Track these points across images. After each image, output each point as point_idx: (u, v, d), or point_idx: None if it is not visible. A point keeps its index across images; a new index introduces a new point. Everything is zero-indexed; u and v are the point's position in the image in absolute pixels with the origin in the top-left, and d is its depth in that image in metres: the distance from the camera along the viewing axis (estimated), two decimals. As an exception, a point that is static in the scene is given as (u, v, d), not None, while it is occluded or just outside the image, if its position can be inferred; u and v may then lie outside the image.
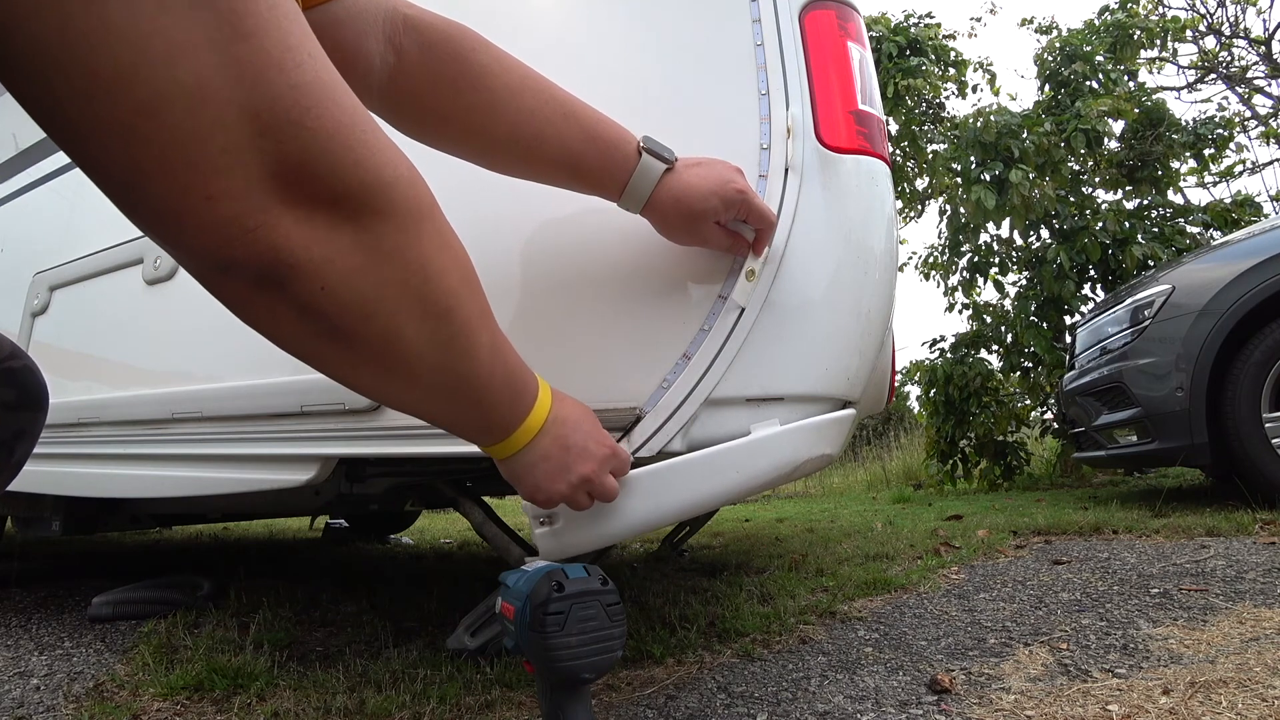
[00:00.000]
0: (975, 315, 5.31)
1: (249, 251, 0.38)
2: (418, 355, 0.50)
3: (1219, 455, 2.45)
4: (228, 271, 0.40)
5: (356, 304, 0.44)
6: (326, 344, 0.46)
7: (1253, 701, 0.83)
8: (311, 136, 0.38)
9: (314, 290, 0.42)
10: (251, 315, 0.44)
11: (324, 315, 0.44)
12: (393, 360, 0.49)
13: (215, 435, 1.20)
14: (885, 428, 8.69)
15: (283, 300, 0.42)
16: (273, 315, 0.43)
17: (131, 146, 0.34)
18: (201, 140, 0.35)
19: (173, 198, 0.36)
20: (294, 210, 0.39)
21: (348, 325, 0.45)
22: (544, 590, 0.65)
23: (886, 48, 5.51)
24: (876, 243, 0.91)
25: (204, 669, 1.15)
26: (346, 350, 0.47)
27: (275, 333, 0.45)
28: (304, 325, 0.44)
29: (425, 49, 0.66)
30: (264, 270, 0.40)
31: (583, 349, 0.91)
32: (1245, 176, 7.26)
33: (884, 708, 0.93)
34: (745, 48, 0.92)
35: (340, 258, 0.42)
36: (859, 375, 0.88)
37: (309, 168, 0.39)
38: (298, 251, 0.40)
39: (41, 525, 1.86)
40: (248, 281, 0.40)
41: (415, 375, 0.52)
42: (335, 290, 0.43)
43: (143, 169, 0.35)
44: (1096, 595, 1.44)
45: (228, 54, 0.34)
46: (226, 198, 0.36)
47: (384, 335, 0.47)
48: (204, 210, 0.36)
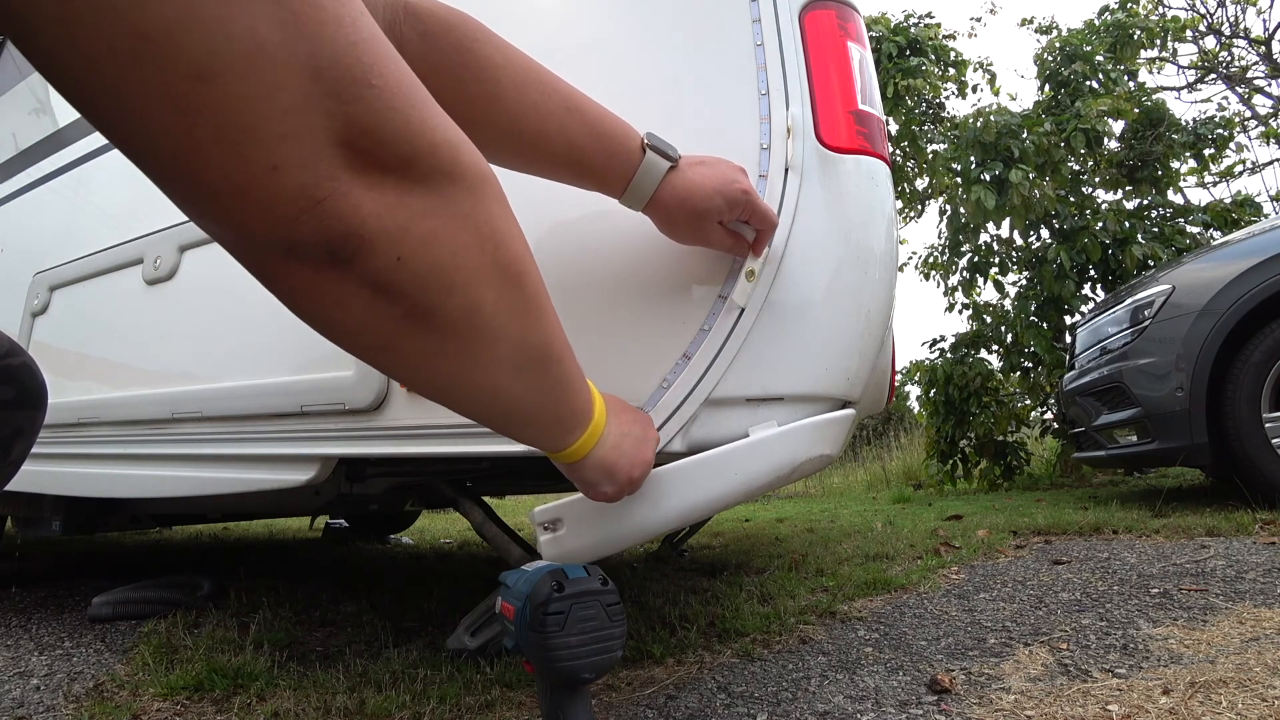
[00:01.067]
0: (975, 315, 5.31)
1: (318, 225, 0.35)
2: (499, 329, 0.47)
3: (1219, 455, 2.44)
4: (292, 253, 0.36)
5: (434, 274, 0.41)
6: (404, 327, 0.42)
7: (1253, 701, 0.83)
8: (377, 96, 0.35)
9: (390, 263, 0.38)
10: (318, 303, 0.40)
11: (401, 291, 0.40)
12: (476, 337, 0.46)
13: (215, 435, 1.20)
14: (885, 428, 8.69)
15: (353, 278, 0.38)
16: (342, 299, 0.39)
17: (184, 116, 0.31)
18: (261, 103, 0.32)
19: (233, 172, 0.33)
20: (365, 176, 0.36)
21: (427, 301, 0.42)
22: (544, 590, 0.65)
23: (886, 48, 5.51)
24: (876, 243, 0.91)
25: (204, 669, 1.15)
26: (425, 332, 0.43)
27: (345, 320, 0.41)
28: (378, 307, 0.40)
29: (426, 38, 0.64)
30: (333, 245, 0.36)
31: (583, 349, 0.91)
32: (1245, 176, 7.27)
33: (884, 708, 0.93)
34: (745, 48, 0.92)
35: (415, 224, 0.39)
36: (859, 375, 0.88)
37: (378, 129, 0.36)
38: (370, 221, 0.37)
39: (41, 525, 1.86)
40: (315, 262, 0.37)
41: (499, 353, 0.48)
42: (412, 261, 0.39)
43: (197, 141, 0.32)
44: (1096, 595, 1.44)
45: (284, 7, 0.32)
46: (294, 166, 0.33)
47: (465, 308, 0.44)
48: (269, 183, 0.33)
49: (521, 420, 0.59)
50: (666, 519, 0.82)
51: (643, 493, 0.80)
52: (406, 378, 0.48)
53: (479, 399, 0.53)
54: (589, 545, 0.82)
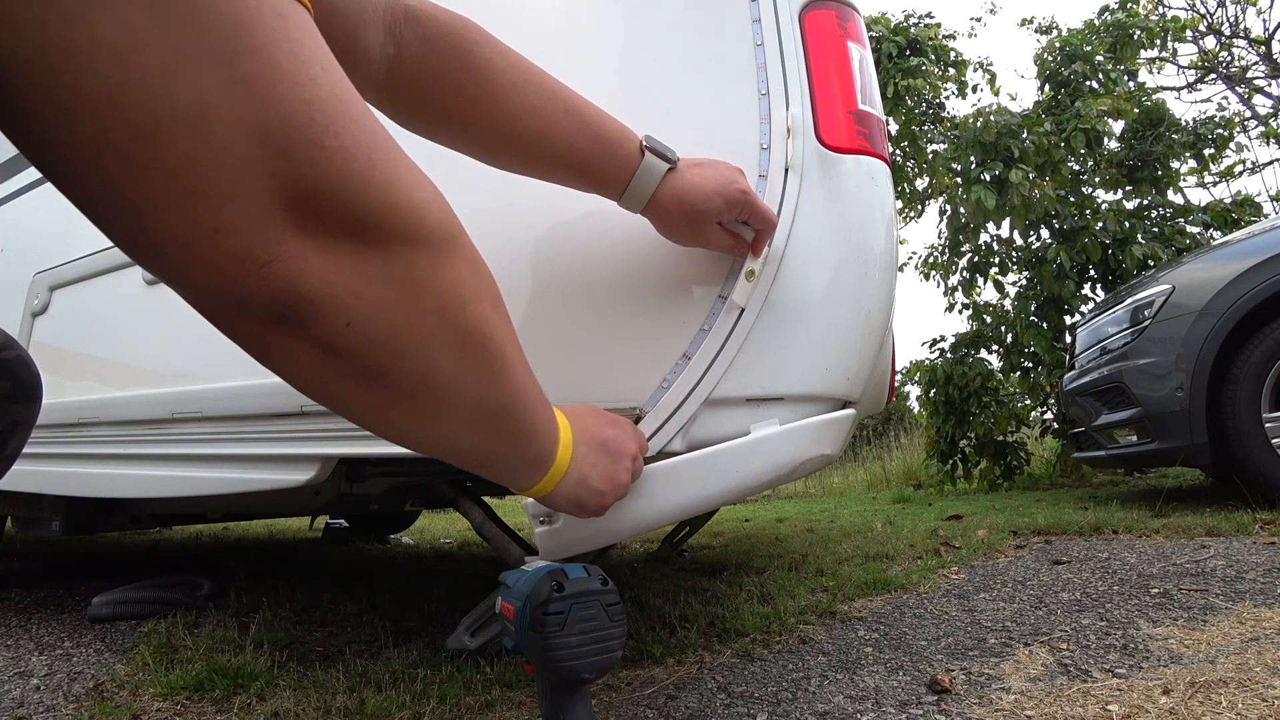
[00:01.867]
0: (975, 315, 5.31)
1: (263, 287, 0.35)
2: (456, 389, 0.46)
3: (1219, 455, 2.44)
4: (240, 309, 0.36)
5: (387, 340, 0.40)
6: (354, 386, 0.42)
7: (1253, 701, 0.83)
8: (330, 156, 0.34)
9: (338, 328, 0.38)
10: (267, 355, 0.39)
11: (351, 354, 0.39)
12: (429, 398, 0.45)
13: (215, 435, 1.20)
14: (885, 428, 8.69)
15: (303, 339, 0.38)
16: (292, 355, 0.39)
17: (126, 175, 0.30)
18: (206, 165, 0.31)
19: (175, 232, 0.32)
20: (314, 239, 0.35)
21: (378, 364, 0.41)
22: (544, 590, 0.65)
23: (886, 48, 5.51)
24: (876, 243, 0.91)
25: (204, 669, 1.15)
26: (377, 391, 0.43)
27: (294, 374, 0.41)
28: (327, 366, 0.40)
29: (426, 41, 0.64)
30: (281, 308, 0.36)
31: (582, 349, 0.91)
32: (1245, 176, 7.27)
33: (884, 708, 0.93)
34: (745, 48, 0.92)
35: (368, 291, 0.38)
36: (859, 375, 0.88)
37: (330, 191, 0.35)
38: (319, 286, 0.36)
39: (41, 525, 1.86)
40: (262, 319, 0.36)
41: (454, 412, 0.48)
42: (363, 327, 0.39)
43: (139, 200, 0.31)
44: (1096, 595, 1.44)
45: (233, 68, 0.31)
46: (237, 229, 0.33)
47: (419, 372, 0.43)
48: (211, 244, 0.33)
49: (479, 465, 0.59)
50: (664, 514, 0.82)
51: (641, 488, 0.80)
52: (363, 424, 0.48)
53: (436, 447, 0.53)
54: (585, 538, 0.82)
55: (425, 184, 0.41)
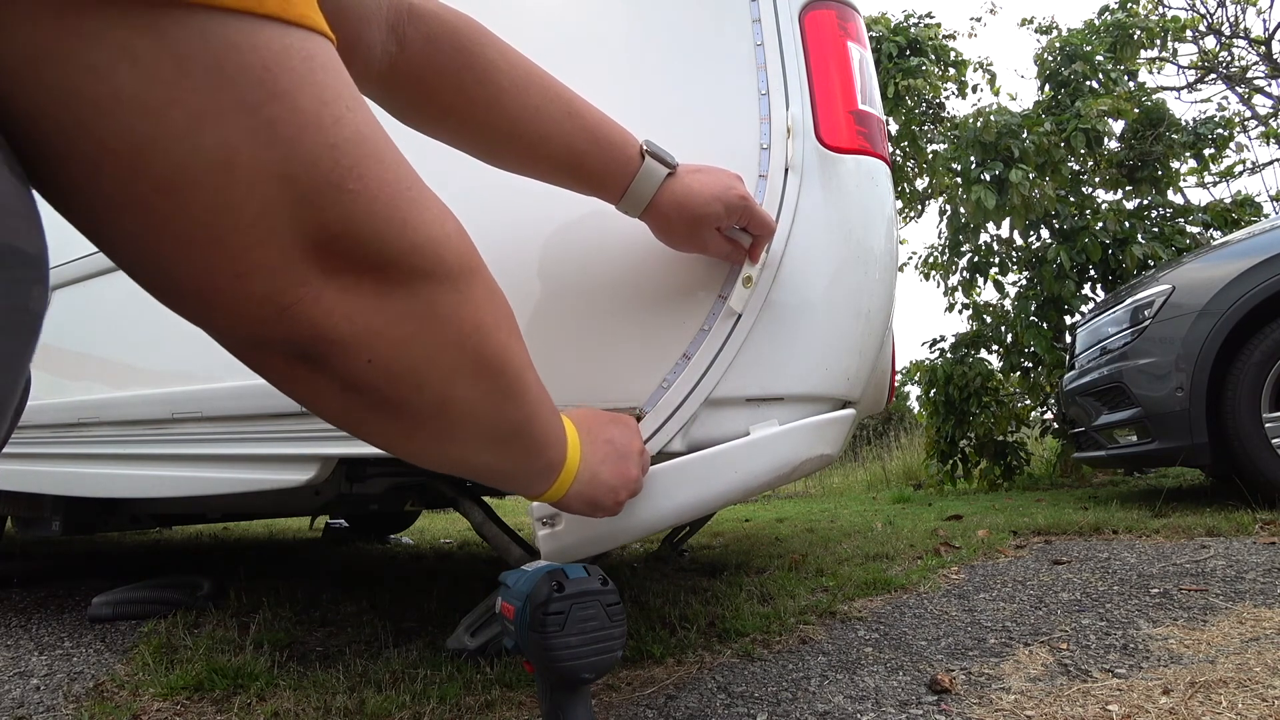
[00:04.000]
0: (975, 315, 5.31)
1: (286, 329, 0.35)
2: (473, 415, 0.47)
3: (1219, 455, 2.44)
4: (261, 347, 0.37)
5: (408, 374, 0.41)
6: (374, 415, 0.43)
7: (1253, 701, 0.83)
8: (353, 200, 0.34)
9: (360, 365, 0.38)
10: (290, 387, 0.40)
11: (371, 388, 0.40)
12: (447, 424, 0.46)
13: (215, 435, 1.20)
14: (885, 428, 8.69)
15: (324, 375, 0.38)
16: (313, 389, 0.40)
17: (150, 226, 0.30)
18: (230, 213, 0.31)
19: (198, 278, 0.32)
20: (336, 280, 0.35)
21: (398, 396, 0.41)
22: (544, 590, 0.65)
23: (886, 48, 5.51)
24: (876, 243, 0.91)
25: (204, 669, 1.15)
26: (397, 420, 0.44)
27: (317, 406, 0.42)
28: (349, 399, 0.41)
29: (429, 39, 0.63)
30: (303, 347, 0.36)
31: (583, 349, 0.91)
32: (1245, 176, 7.26)
33: (884, 708, 0.93)
34: (745, 48, 0.92)
35: (389, 328, 0.38)
36: (859, 375, 0.88)
37: (352, 234, 0.35)
38: (340, 325, 0.36)
39: (41, 525, 1.86)
40: (285, 356, 0.37)
41: (471, 435, 0.49)
42: (384, 362, 0.39)
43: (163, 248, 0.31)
44: (1096, 595, 1.44)
45: (258, 117, 0.30)
46: (259, 274, 0.33)
47: (438, 402, 0.44)
48: (236, 289, 0.33)
49: (492, 479, 0.60)
50: (666, 516, 0.82)
51: (643, 491, 0.80)
52: (382, 446, 0.49)
53: (452, 466, 0.54)
54: (588, 541, 0.82)
55: (446, 218, 0.41)
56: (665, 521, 0.84)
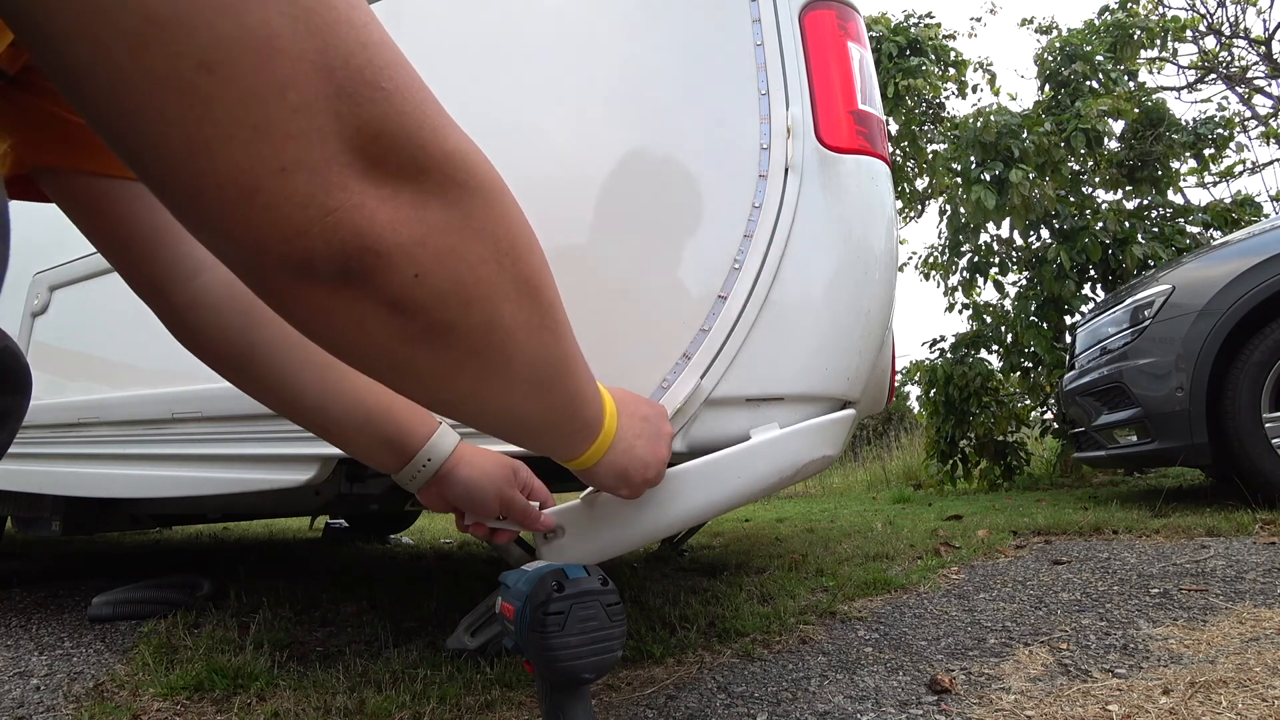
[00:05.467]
0: (975, 315, 5.31)
1: (332, 238, 0.34)
2: (517, 344, 0.46)
3: (1219, 455, 2.44)
4: (305, 271, 0.35)
5: (453, 290, 0.39)
6: (421, 346, 0.41)
7: (1253, 701, 0.83)
8: (388, 99, 0.34)
9: (407, 279, 0.37)
10: (334, 325, 0.38)
11: (420, 309, 0.39)
12: (494, 353, 0.45)
13: (215, 435, 1.20)
14: (885, 428, 8.69)
15: (370, 297, 0.37)
16: (359, 320, 0.38)
17: (191, 107, 0.30)
18: (271, 99, 0.30)
19: (241, 172, 0.31)
20: (378, 187, 0.35)
21: (446, 318, 0.40)
22: (544, 590, 0.65)
23: (886, 48, 5.51)
24: (876, 243, 0.91)
25: (204, 669, 1.15)
26: (445, 349, 0.42)
27: (362, 342, 0.40)
28: (396, 326, 0.39)
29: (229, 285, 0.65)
30: (349, 261, 0.35)
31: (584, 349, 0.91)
32: (1245, 176, 7.26)
33: (884, 708, 0.93)
34: (745, 48, 0.92)
35: (432, 238, 0.37)
36: (859, 375, 0.88)
37: (390, 135, 0.34)
38: (385, 235, 0.35)
39: (41, 525, 1.86)
40: (329, 281, 0.35)
41: (516, 369, 0.47)
42: (429, 277, 0.38)
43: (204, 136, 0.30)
44: (1096, 595, 1.43)
45: (296, 4, 0.31)
46: (304, 169, 0.32)
47: (484, 324, 0.43)
48: (278, 186, 0.32)
49: (534, 432, 0.59)
50: (670, 522, 0.82)
51: (647, 498, 0.80)
52: (422, 396, 0.48)
53: (493, 414, 0.52)
54: (592, 552, 0.82)
55: (465, 135, 0.41)
56: (671, 529, 0.84)
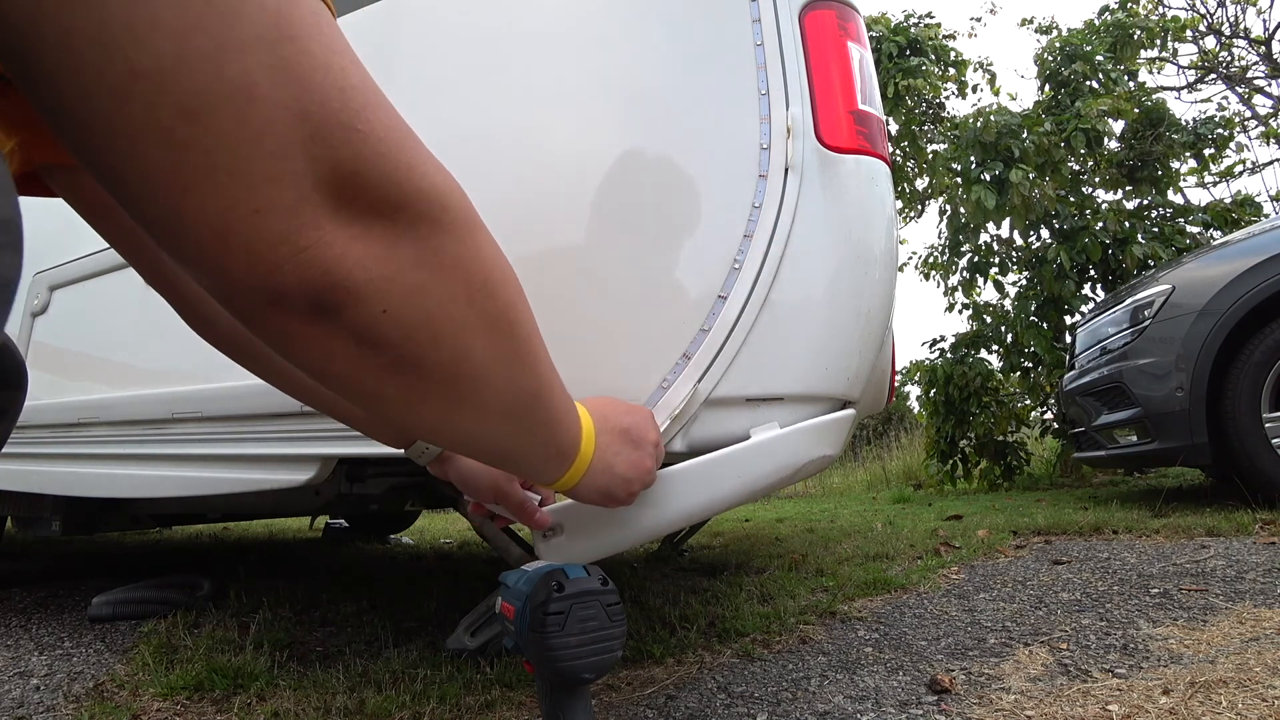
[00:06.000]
0: (975, 315, 5.31)
1: (302, 275, 0.35)
2: (487, 378, 0.46)
3: (1219, 455, 2.44)
4: (277, 303, 0.36)
5: (422, 326, 0.40)
6: (388, 377, 0.42)
7: (1253, 701, 0.83)
8: (363, 140, 0.35)
9: (375, 315, 0.38)
10: (301, 351, 0.39)
11: (387, 343, 0.40)
12: (462, 387, 0.46)
13: (215, 435, 1.20)
14: (885, 428, 8.69)
15: (339, 330, 0.38)
16: (326, 349, 0.39)
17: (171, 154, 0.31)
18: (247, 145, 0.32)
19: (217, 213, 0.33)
20: (349, 225, 0.36)
21: (412, 352, 0.41)
22: (544, 590, 0.65)
23: (886, 48, 5.51)
24: (876, 243, 0.91)
25: (204, 669, 1.15)
26: (411, 382, 0.43)
27: (328, 369, 0.41)
28: (363, 358, 0.40)
29: None
30: (318, 296, 0.36)
31: (582, 349, 0.91)
32: (1245, 176, 7.26)
33: (884, 708, 0.93)
34: (745, 47, 0.92)
35: (401, 275, 0.38)
36: (859, 375, 0.88)
37: (363, 174, 0.36)
38: (355, 272, 0.36)
39: (41, 525, 1.86)
40: (299, 313, 0.36)
41: (485, 401, 0.48)
42: (398, 313, 0.39)
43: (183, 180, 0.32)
44: (1096, 595, 1.43)
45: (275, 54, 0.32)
46: (276, 211, 0.33)
47: (452, 359, 0.43)
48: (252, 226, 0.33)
49: (507, 459, 0.60)
50: (669, 521, 0.82)
51: (647, 496, 0.80)
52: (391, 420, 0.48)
53: (463, 441, 0.53)
54: (591, 550, 0.82)
55: (445, 170, 0.42)
56: (670, 527, 0.84)
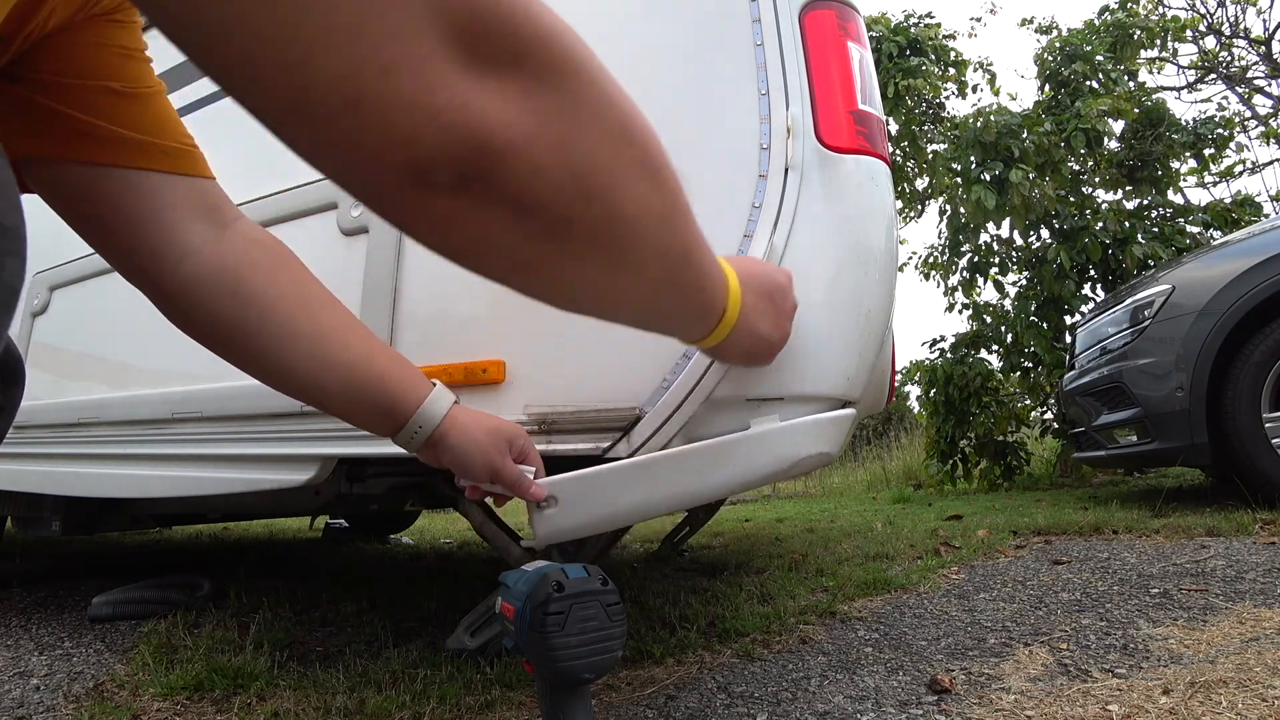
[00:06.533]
0: (975, 315, 5.31)
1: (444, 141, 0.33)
2: (640, 232, 0.44)
3: (1219, 455, 2.44)
4: (423, 180, 0.34)
5: (571, 182, 0.38)
6: (542, 245, 0.40)
7: (1253, 701, 0.83)
8: None
9: (523, 177, 0.36)
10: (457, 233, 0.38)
11: (538, 206, 0.38)
12: (615, 244, 0.43)
13: (215, 435, 1.20)
14: (885, 428, 8.69)
15: (492, 199, 0.36)
16: (479, 224, 0.37)
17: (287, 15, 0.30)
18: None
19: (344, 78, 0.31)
20: (481, 80, 0.34)
21: (564, 212, 0.39)
22: (544, 590, 0.65)
23: (886, 48, 5.51)
24: (877, 243, 0.91)
25: (204, 669, 1.15)
26: (565, 246, 0.41)
27: (487, 246, 0.40)
28: (515, 227, 0.38)
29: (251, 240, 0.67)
30: (464, 164, 0.34)
31: (583, 349, 0.91)
32: (1245, 176, 7.26)
33: (884, 708, 0.93)
34: (745, 48, 0.92)
35: (544, 129, 0.36)
36: (859, 375, 0.88)
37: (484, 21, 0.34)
38: (498, 131, 0.34)
39: (41, 525, 1.86)
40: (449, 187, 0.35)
41: (640, 258, 0.46)
42: (547, 171, 0.37)
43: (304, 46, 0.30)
44: (1096, 595, 1.43)
45: None
46: (404, 68, 0.32)
47: (605, 215, 0.41)
48: (382, 89, 0.31)
49: (658, 318, 0.59)
50: (661, 503, 0.82)
51: (641, 476, 0.80)
52: (545, 295, 0.47)
53: (618, 306, 0.52)
54: (582, 524, 0.82)
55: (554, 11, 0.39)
56: (662, 509, 0.84)
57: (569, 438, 0.90)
